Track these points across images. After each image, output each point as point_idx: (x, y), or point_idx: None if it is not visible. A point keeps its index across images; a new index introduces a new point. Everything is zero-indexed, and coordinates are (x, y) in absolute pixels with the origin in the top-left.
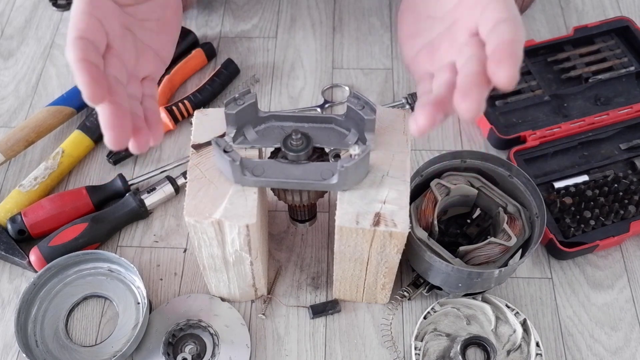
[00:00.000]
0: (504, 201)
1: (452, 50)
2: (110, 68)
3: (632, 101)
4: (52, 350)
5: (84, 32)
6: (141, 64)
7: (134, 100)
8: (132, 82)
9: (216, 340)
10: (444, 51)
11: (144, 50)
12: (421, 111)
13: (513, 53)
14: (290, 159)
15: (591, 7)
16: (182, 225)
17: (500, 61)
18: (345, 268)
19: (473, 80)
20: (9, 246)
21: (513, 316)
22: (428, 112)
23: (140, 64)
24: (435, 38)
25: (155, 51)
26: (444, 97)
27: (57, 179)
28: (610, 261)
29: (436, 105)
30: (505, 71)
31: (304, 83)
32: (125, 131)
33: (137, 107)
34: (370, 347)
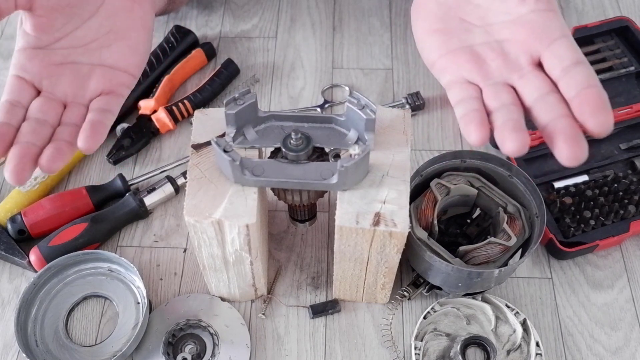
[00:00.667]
0: (503, 201)
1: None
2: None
3: (632, 101)
4: (52, 350)
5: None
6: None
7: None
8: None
9: (216, 340)
10: (497, 67)
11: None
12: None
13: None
14: (290, 159)
15: (591, 7)
16: (182, 225)
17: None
18: (345, 268)
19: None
20: (9, 246)
21: (513, 316)
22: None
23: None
24: (478, 46)
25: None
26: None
27: (57, 178)
28: (610, 261)
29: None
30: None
31: (304, 83)
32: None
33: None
34: (370, 347)
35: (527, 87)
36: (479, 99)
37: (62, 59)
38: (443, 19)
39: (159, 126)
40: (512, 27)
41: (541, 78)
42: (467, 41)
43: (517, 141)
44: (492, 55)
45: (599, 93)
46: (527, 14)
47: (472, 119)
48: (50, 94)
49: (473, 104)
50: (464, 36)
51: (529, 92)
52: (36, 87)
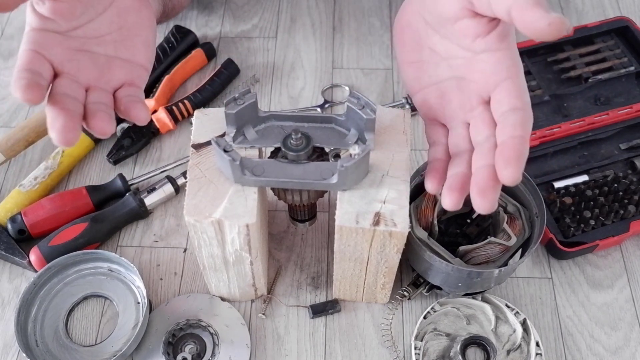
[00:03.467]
0: (503, 201)
1: (464, 111)
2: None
3: (632, 101)
4: (52, 350)
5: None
6: (108, 75)
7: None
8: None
9: (216, 340)
10: (456, 107)
11: (109, 63)
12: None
13: (520, 154)
14: (290, 159)
15: (591, 7)
16: (182, 225)
17: (507, 162)
18: (345, 268)
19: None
20: (9, 246)
21: (513, 316)
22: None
23: (106, 76)
24: (443, 83)
25: (126, 59)
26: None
27: (57, 178)
28: (610, 261)
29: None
30: (510, 173)
31: (304, 83)
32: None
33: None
34: (370, 346)
35: (473, 129)
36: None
37: (80, 45)
38: (416, 49)
39: (159, 126)
40: (468, 66)
41: (486, 121)
42: (435, 77)
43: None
44: (453, 93)
45: (516, 145)
46: (480, 52)
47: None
48: (74, 77)
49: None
50: (433, 71)
51: (474, 135)
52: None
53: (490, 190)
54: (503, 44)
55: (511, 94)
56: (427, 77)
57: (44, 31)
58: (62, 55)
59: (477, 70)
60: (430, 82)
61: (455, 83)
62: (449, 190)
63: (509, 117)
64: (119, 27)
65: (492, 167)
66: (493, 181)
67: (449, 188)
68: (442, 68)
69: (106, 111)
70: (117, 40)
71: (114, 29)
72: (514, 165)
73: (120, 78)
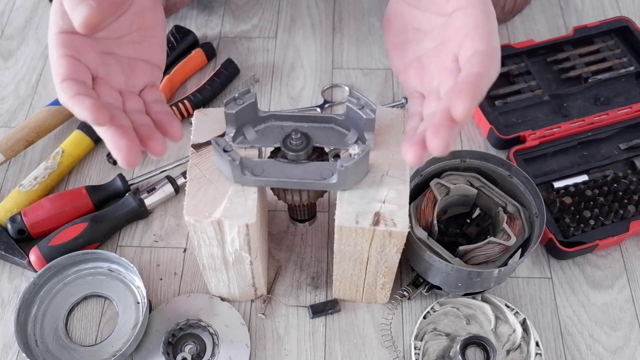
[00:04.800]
0: (503, 201)
1: (439, 73)
2: (102, 97)
3: (631, 101)
4: (51, 349)
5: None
6: (133, 78)
7: (136, 113)
8: (129, 98)
9: (216, 340)
10: (433, 73)
11: (132, 65)
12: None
13: (475, 88)
14: (290, 159)
15: (591, 7)
16: (182, 225)
17: (459, 93)
18: (345, 268)
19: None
20: (9, 246)
21: (513, 316)
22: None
23: (132, 79)
24: (424, 55)
25: (145, 60)
26: None
27: (57, 178)
28: (610, 261)
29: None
30: (461, 105)
31: (304, 83)
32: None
33: (141, 118)
34: (370, 346)
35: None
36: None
37: (105, 48)
38: (401, 32)
39: None
40: (444, 29)
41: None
42: (417, 52)
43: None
44: (432, 59)
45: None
46: (452, 12)
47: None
48: (108, 82)
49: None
50: (416, 47)
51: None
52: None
53: (443, 129)
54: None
55: (476, 38)
56: (410, 53)
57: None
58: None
59: (451, 29)
60: (413, 58)
61: (435, 50)
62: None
63: (471, 59)
64: (138, 27)
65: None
66: (446, 120)
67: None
68: (425, 41)
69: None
70: (135, 41)
71: (133, 29)
72: (465, 97)
73: (143, 81)
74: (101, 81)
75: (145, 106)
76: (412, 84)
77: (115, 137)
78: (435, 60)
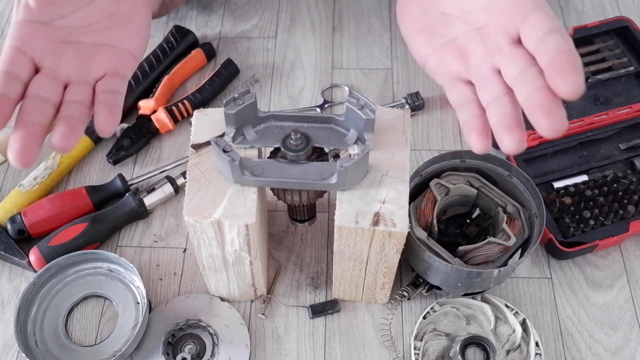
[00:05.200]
0: (503, 201)
1: (491, 55)
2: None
3: (631, 101)
4: (51, 350)
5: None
6: (91, 66)
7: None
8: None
9: (216, 340)
10: (481, 57)
11: (95, 51)
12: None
13: (574, 62)
14: (289, 159)
15: (591, 7)
16: (181, 225)
17: (564, 71)
18: (345, 268)
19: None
20: (9, 246)
21: (512, 316)
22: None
23: (89, 66)
24: (460, 38)
25: (113, 45)
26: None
27: (57, 178)
28: (610, 261)
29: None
30: (572, 80)
31: (304, 83)
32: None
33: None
34: (370, 347)
35: (507, 67)
36: (475, 100)
37: (65, 37)
38: (424, 17)
39: (158, 126)
40: (487, 11)
41: (519, 54)
42: (449, 35)
43: (512, 141)
44: (474, 44)
45: (568, 56)
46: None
47: (473, 127)
48: (53, 72)
49: (471, 109)
50: (446, 30)
51: (509, 71)
52: (36, 63)
53: (555, 107)
54: None
55: (544, 19)
56: (440, 37)
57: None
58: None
59: (498, 11)
60: (445, 41)
61: (476, 33)
62: (507, 130)
63: (549, 37)
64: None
65: (547, 88)
66: (554, 97)
67: (505, 130)
68: (456, 25)
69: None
70: (106, 27)
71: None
72: (574, 73)
73: (104, 65)
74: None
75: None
76: (451, 69)
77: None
78: (480, 44)
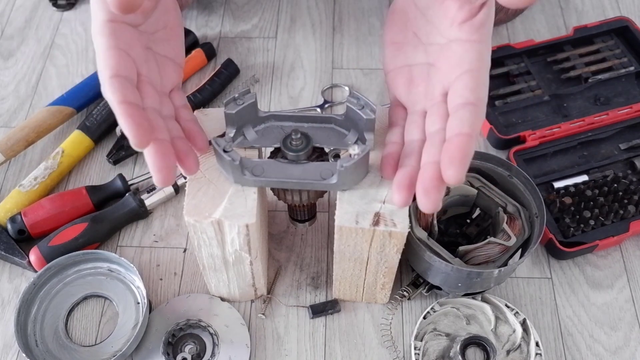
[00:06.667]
0: (503, 201)
1: (426, 98)
2: (146, 99)
3: (631, 101)
4: (52, 350)
5: (117, 70)
6: (165, 78)
7: (171, 120)
8: (164, 101)
9: (216, 340)
10: (420, 93)
11: (164, 63)
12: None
13: (464, 154)
14: (289, 159)
15: (591, 7)
16: (181, 225)
17: (451, 162)
18: (345, 268)
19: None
20: (9, 246)
21: (513, 316)
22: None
23: (164, 78)
24: (415, 67)
25: (172, 59)
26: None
27: (57, 178)
28: (610, 261)
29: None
30: (453, 173)
31: (304, 83)
32: (171, 168)
33: (176, 129)
34: (370, 346)
35: (429, 119)
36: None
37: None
38: (402, 31)
39: None
40: (440, 52)
41: (441, 113)
42: (410, 59)
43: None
44: (421, 79)
45: (461, 144)
46: (452, 41)
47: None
48: (149, 80)
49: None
50: (411, 53)
51: (428, 125)
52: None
53: (433, 191)
54: (475, 36)
55: (467, 87)
56: (403, 57)
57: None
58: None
59: (445, 58)
60: (404, 63)
61: (426, 69)
62: (398, 188)
63: (460, 111)
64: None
65: (438, 165)
66: (437, 181)
67: (397, 185)
68: (419, 52)
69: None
70: (164, 39)
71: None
72: (457, 165)
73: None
74: (144, 79)
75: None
76: (398, 91)
77: (155, 156)
78: (424, 82)
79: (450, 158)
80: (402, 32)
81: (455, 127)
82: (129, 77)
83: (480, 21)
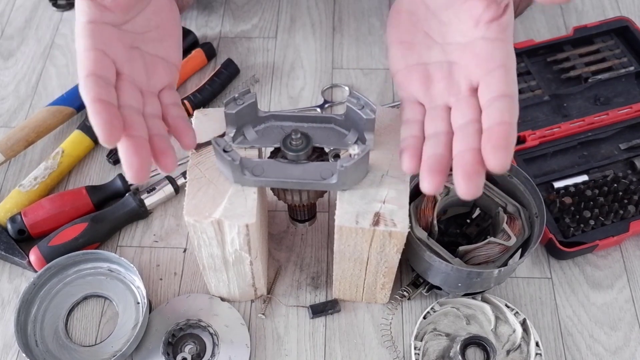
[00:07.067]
0: (503, 201)
1: (449, 93)
2: (124, 97)
3: (631, 101)
4: (52, 350)
5: (92, 69)
6: (154, 77)
7: (154, 119)
8: (149, 100)
9: (216, 340)
10: (441, 89)
11: (153, 63)
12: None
13: (508, 139)
14: (289, 159)
15: (591, 7)
16: (181, 225)
17: (496, 148)
18: (345, 268)
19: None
20: (9, 246)
21: (513, 316)
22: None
23: (153, 78)
24: (431, 65)
25: (164, 59)
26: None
27: (57, 178)
28: (610, 261)
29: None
30: (500, 159)
31: (304, 83)
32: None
33: (157, 127)
34: (370, 346)
35: (457, 112)
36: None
37: (131, 42)
38: (411, 31)
39: None
40: (463, 50)
41: (471, 105)
42: (424, 58)
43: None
44: (440, 76)
45: (505, 132)
46: (477, 39)
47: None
48: (131, 79)
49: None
50: (423, 52)
51: (456, 118)
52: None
53: (476, 175)
54: (502, 35)
55: (502, 81)
56: (415, 56)
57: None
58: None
59: (471, 55)
60: (418, 62)
61: (446, 66)
62: (430, 173)
63: (498, 103)
64: (156, 25)
65: (478, 151)
66: (479, 165)
67: (428, 170)
68: (434, 51)
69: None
70: (156, 38)
71: (152, 27)
72: (504, 151)
73: (162, 78)
74: (125, 78)
75: (162, 109)
76: (412, 89)
77: (128, 152)
78: (444, 78)
79: (494, 146)
80: (411, 32)
81: (496, 117)
82: (104, 76)
83: (507, 21)
